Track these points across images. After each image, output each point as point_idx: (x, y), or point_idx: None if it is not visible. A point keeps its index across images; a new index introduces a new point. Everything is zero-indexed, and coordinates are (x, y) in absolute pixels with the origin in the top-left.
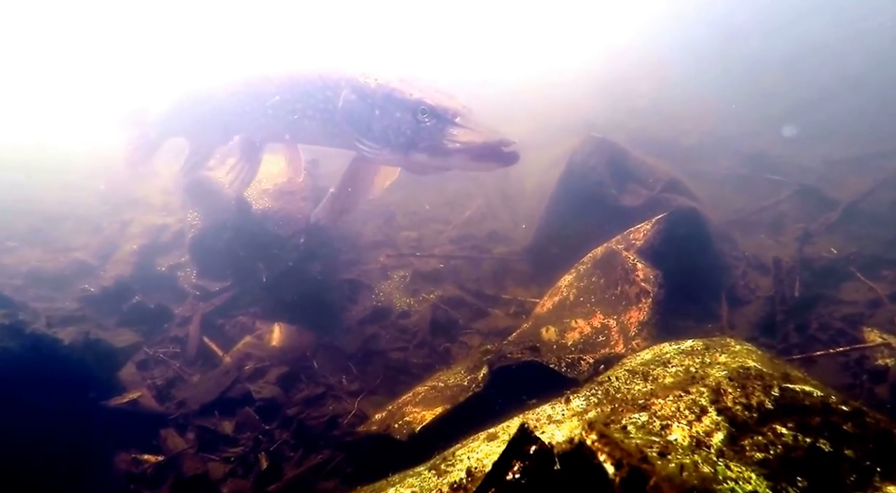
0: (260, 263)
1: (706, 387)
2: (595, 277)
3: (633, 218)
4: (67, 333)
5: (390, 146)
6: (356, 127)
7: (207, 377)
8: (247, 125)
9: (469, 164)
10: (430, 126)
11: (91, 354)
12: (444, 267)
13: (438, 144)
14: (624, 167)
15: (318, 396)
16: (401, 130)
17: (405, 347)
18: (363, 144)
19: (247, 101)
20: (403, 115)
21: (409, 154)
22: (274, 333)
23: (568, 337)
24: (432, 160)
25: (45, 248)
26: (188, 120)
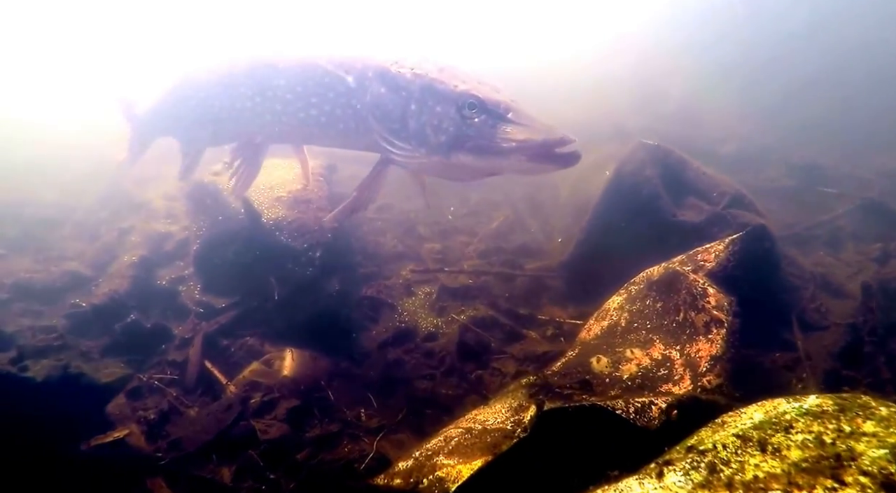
0: (272, 277)
1: (867, 476)
2: (650, 300)
3: (693, 236)
4: (42, 366)
5: (428, 146)
6: (386, 125)
7: (207, 412)
8: (246, 123)
9: (525, 165)
10: (478, 123)
11: (70, 392)
12: (474, 283)
13: (490, 143)
14: (682, 178)
15: (333, 435)
16: (442, 127)
17: (432, 374)
18: (394, 146)
19: (247, 94)
20: (446, 109)
21: (451, 155)
22: (285, 360)
23: (623, 370)
24: (479, 162)
25: (37, 256)
26: (174, 116)
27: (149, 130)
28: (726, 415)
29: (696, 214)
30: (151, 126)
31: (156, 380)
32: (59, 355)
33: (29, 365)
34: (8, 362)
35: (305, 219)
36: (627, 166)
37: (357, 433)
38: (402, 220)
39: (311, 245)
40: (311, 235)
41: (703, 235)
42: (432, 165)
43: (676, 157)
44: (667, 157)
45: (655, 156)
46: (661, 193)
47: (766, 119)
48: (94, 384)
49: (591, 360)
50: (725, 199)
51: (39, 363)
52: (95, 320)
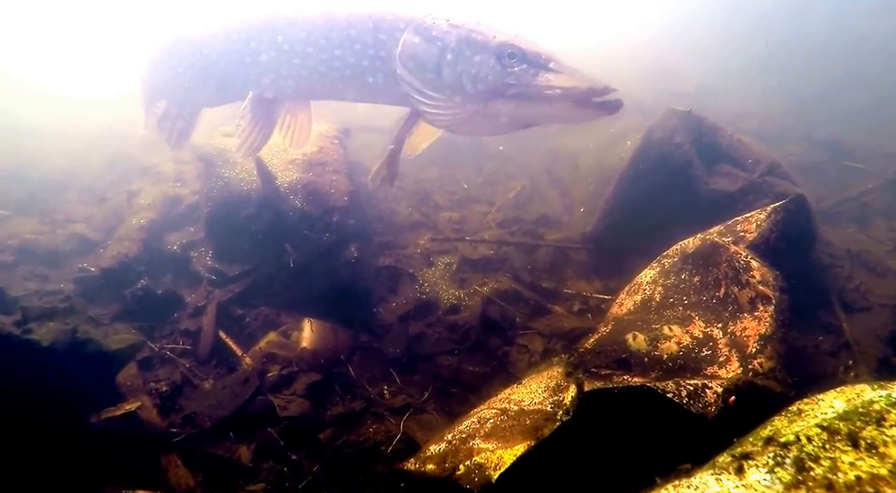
0: (287, 244)
1: None
2: (686, 274)
3: (727, 205)
4: (48, 330)
5: (463, 95)
6: (419, 75)
7: (222, 385)
8: (257, 79)
9: (568, 112)
10: (519, 71)
11: (78, 359)
12: (494, 254)
13: (533, 90)
14: (715, 147)
15: (356, 413)
16: (480, 75)
17: (455, 350)
18: (426, 97)
19: (259, 48)
20: (485, 58)
21: (490, 104)
22: (304, 331)
23: (662, 348)
24: (520, 110)
25: (43, 219)
26: (169, 76)
27: (149, 92)
28: (801, 402)
29: (730, 183)
30: (152, 88)
31: (168, 350)
32: (65, 318)
33: (34, 328)
34: (12, 325)
35: (321, 183)
36: (657, 133)
37: (381, 412)
38: (416, 189)
39: (328, 210)
40: (327, 199)
41: (739, 205)
42: (465, 116)
43: (710, 124)
44: (699, 124)
45: (687, 123)
46: (693, 161)
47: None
48: (103, 351)
49: (627, 337)
50: (761, 167)
51: (45, 327)
52: (104, 285)
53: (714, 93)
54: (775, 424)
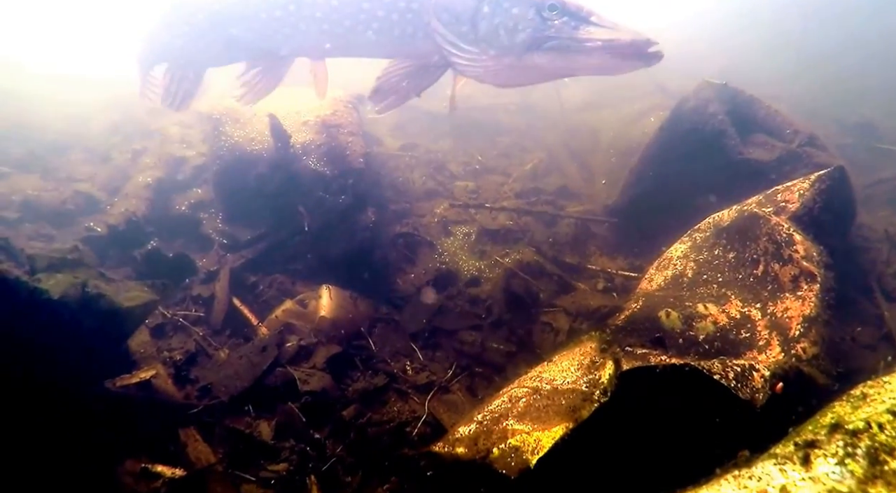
0: (301, 207)
1: None
2: (720, 249)
3: (763, 176)
4: (57, 282)
5: (499, 47)
6: (452, 27)
7: (239, 355)
8: (272, 35)
9: (609, 62)
10: (559, 24)
11: (89, 315)
12: (514, 225)
13: (574, 42)
14: (751, 117)
15: (379, 390)
16: (519, 27)
17: (478, 325)
18: (460, 50)
19: (277, 3)
20: (524, 10)
21: (527, 56)
22: (322, 299)
23: (698, 328)
24: (558, 62)
25: (45, 177)
26: (173, 36)
27: (149, 54)
28: (864, 386)
29: (766, 152)
30: (150, 53)
31: (180, 317)
32: (75, 271)
33: (42, 279)
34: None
35: (336, 144)
36: (689, 103)
37: (405, 390)
38: (430, 159)
39: (343, 172)
40: (343, 161)
41: (775, 175)
42: (498, 69)
43: (746, 96)
44: (735, 95)
45: (722, 94)
46: (727, 130)
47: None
48: (115, 309)
49: (660, 314)
50: (800, 137)
51: (53, 278)
52: (112, 244)
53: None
54: (836, 410)
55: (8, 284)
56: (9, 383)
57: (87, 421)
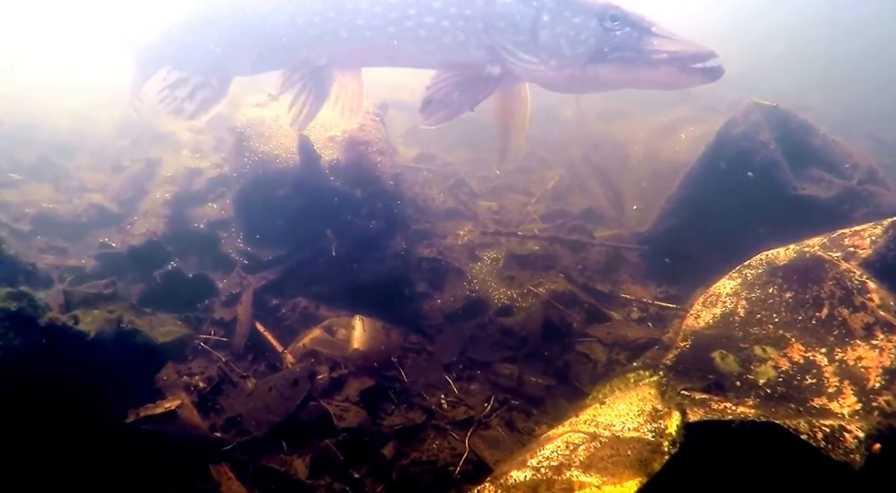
0: (329, 230)
1: None
2: (774, 288)
3: (821, 214)
4: (93, 319)
5: (560, 58)
6: (511, 37)
7: (268, 386)
8: (310, 43)
9: (673, 78)
10: (621, 35)
11: (125, 350)
12: (542, 250)
13: (638, 54)
14: (805, 146)
15: (417, 427)
16: (580, 38)
17: (513, 356)
18: (518, 58)
19: (315, 9)
20: (586, 21)
21: (588, 68)
22: (355, 329)
23: (757, 371)
24: (621, 74)
25: (57, 185)
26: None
27: (155, 58)
28: None
29: (822, 189)
30: (159, 54)
31: (201, 342)
32: (109, 305)
33: (79, 316)
34: (58, 310)
35: (365, 164)
36: (737, 129)
37: (443, 426)
38: (447, 172)
39: (373, 193)
40: (373, 182)
41: (834, 215)
42: (559, 79)
43: (799, 121)
44: (787, 120)
45: (773, 118)
46: (779, 162)
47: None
48: (150, 344)
49: (714, 355)
50: (859, 173)
51: (90, 315)
52: (131, 263)
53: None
54: None
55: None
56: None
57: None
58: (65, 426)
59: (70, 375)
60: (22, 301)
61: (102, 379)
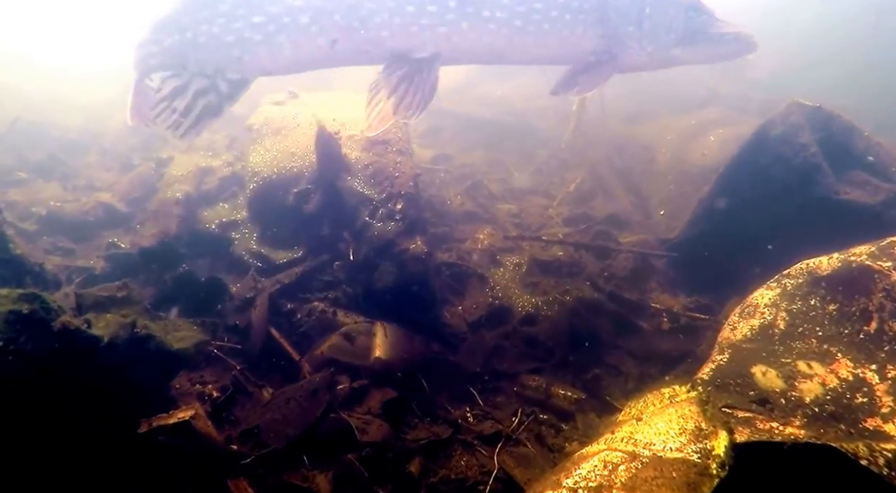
0: (346, 232)
1: None
2: (817, 300)
3: (865, 221)
4: (107, 323)
5: (657, 44)
6: (620, 27)
7: (286, 397)
8: (416, 34)
9: (739, 52)
10: (700, 21)
11: (139, 356)
12: (565, 256)
13: (717, 35)
14: (848, 148)
15: (443, 442)
16: (673, 26)
17: (540, 368)
18: (625, 47)
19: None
20: (677, 11)
21: (675, 50)
22: (376, 337)
23: (802, 389)
24: (699, 53)
25: (64, 184)
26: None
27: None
28: None
29: (868, 194)
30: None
31: (215, 348)
32: (122, 309)
33: (91, 320)
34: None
35: (383, 163)
36: (775, 130)
37: (470, 441)
38: (464, 174)
39: (392, 195)
40: (392, 183)
41: (881, 221)
42: (650, 62)
43: (843, 123)
44: (829, 122)
45: (814, 120)
46: (821, 166)
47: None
48: (164, 350)
49: (753, 370)
50: None
51: (103, 319)
52: (143, 264)
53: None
54: None
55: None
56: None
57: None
58: (74, 435)
59: (81, 381)
60: (34, 303)
61: (114, 386)
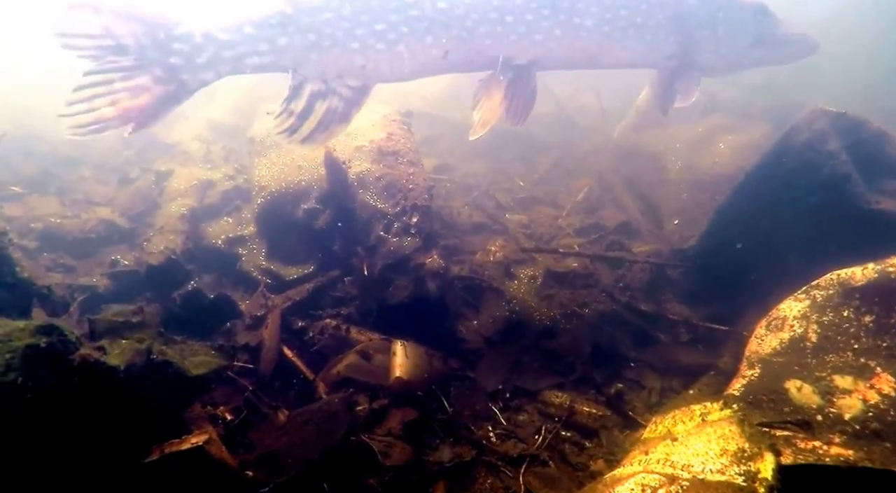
0: (359, 247)
1: None
2: (850, 311)
3: None
4: (122, 350)
5: (730, 47)
6: (697, 32)
7: (303, 419)
8: (516, 42)
9: (804, 53)
10: (766, 23)
11: (156, 383)
12: (580, 267)
13: (784, 37)
14: (879, 156)
15: (467, 464)
16: (745, 30)
17: (561, 383)
18: (701, 50)
19: (527, 6)
20: (746, 16)
21: (746, 52)
22: (396, 356)
23: (842, 406)
24: (768, 55)
25: (62, 199)
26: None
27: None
28: None
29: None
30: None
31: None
32: (137, 334)
33: (106, 347)
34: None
35: (395, 175)
36: (800, 136)
37: (494, 462)
38: (469, 184)
39: (406, 208)
40: (405, 195)
41: None
42: (722, 64)
43: (873, 130)
44: (859, 129)
45: (841, 126)
46: (850, 174)
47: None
48: (183, 376)
49: (787, 386)
50: None
51: (118, 346)
52: (148, 283)
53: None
54: None
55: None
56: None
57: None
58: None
59: (98, 412)
60: (52, 335)
61: (130, 414)
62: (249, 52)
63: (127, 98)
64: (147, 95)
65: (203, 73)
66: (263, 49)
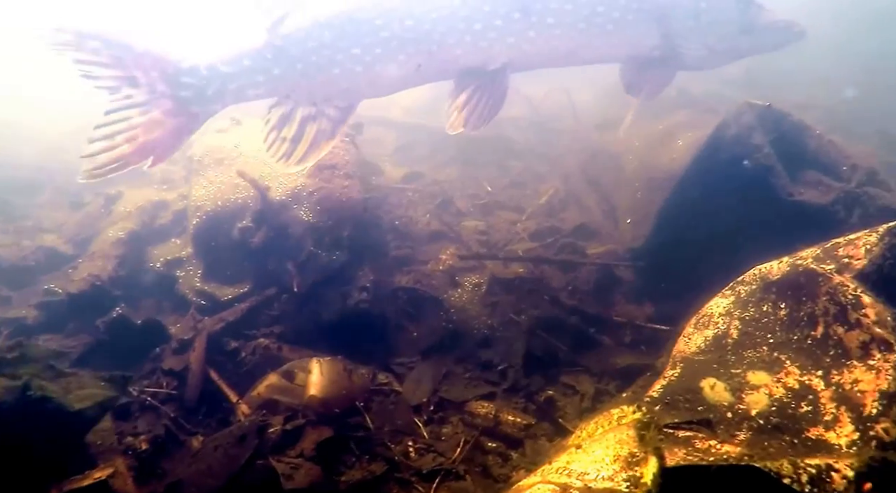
0: (290, 263)
1: None
2: (768, 305)
3: (816, 221)
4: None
5: (717, 37)
6: (682, 23)
7: (213, 444)
8: (486, 49)
9: (790, 40)
10: (752, 13)
11: (33, 420)
12: (528, 272)
13: (770, 24)
14: (800, 148)
15: (377, 479)
16: (730, 19)
17: (492, 393)
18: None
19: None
20: (728, 5)
21: (733, 41)
22: (312, 373)
23: (749, 401)
24: (755, 44)
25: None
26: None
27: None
28: None
29: (820, 194)
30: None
31: (149, 396)
32: (16, 369)
33: None
34: None
35: (330, 189)
36: (729, 131)
37: (407, 478)
38: (435, 191)
39: (338, 222)
40: (338, 209)
41: (832, 221)
42: (707, 55)
43: (794, 122)
44: (781, 121)
45: (766, 119)
46: (774, 167)
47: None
48: (64, 411)
49: (702, 384)
50: (858, 175)
51: None
52: (72, 312)
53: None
54: None
55: None
56: None
57: None
58: None
59: None
60: None
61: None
62: (250, 83)
63: (143, 133)
64: (161, 130)
65: (212, 104)
66: (261, 80)
